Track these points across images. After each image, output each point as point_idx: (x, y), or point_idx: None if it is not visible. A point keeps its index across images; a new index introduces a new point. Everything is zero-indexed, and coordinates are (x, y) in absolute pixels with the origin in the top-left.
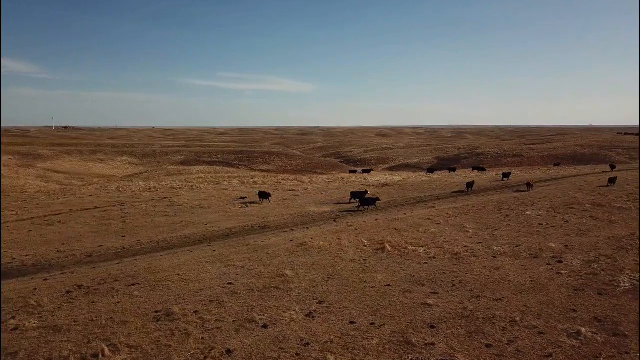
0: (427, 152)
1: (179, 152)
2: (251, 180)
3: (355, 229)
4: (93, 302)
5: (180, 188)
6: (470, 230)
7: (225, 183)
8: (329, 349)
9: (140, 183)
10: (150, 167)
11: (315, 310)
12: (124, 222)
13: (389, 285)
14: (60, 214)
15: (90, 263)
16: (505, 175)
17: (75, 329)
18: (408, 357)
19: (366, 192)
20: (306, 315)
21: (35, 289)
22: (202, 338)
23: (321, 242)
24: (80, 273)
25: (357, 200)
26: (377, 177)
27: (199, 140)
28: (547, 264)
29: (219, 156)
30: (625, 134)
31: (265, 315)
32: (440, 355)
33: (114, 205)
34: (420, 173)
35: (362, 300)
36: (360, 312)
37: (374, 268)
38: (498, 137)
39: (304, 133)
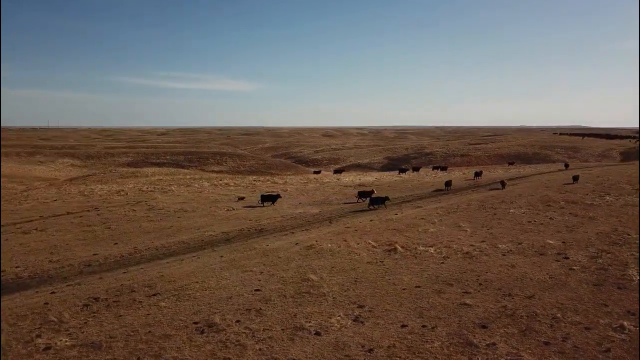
0: (376, 152)
1: (125, 153)
2: (221, 182)
3: (356, 230)
4: (120, 316)
5: (151, 191)
6: (468, 230)
7: (197, 185)
8: (395, 354)
9: (101, 186)
10: (95, 169)
11: (360, 315)
12: (109, 228)
13: (419, 287)
14: (32, 220)
15: (93, 273)
16: (477, 174)
17: (116, 346)
18: (476, 358)
19: (373, 191)
20: (354, 321)
21: (47, 303)
22: (260, 349)
23: (329, 245)
24: (88, 284)
25: (363, 199)
26: (350, 177)
27: (142, 141)
28: (556, 261)
29: (167, 157)
30: (561, 134)
31: (312, 322)
32: (506, 355)
33: (88, 210)
34: (389, 173)
35: (400, 302)
36: (406, 315)
37: (394, 269)
38: (440, 138)
39: (250, 133)
